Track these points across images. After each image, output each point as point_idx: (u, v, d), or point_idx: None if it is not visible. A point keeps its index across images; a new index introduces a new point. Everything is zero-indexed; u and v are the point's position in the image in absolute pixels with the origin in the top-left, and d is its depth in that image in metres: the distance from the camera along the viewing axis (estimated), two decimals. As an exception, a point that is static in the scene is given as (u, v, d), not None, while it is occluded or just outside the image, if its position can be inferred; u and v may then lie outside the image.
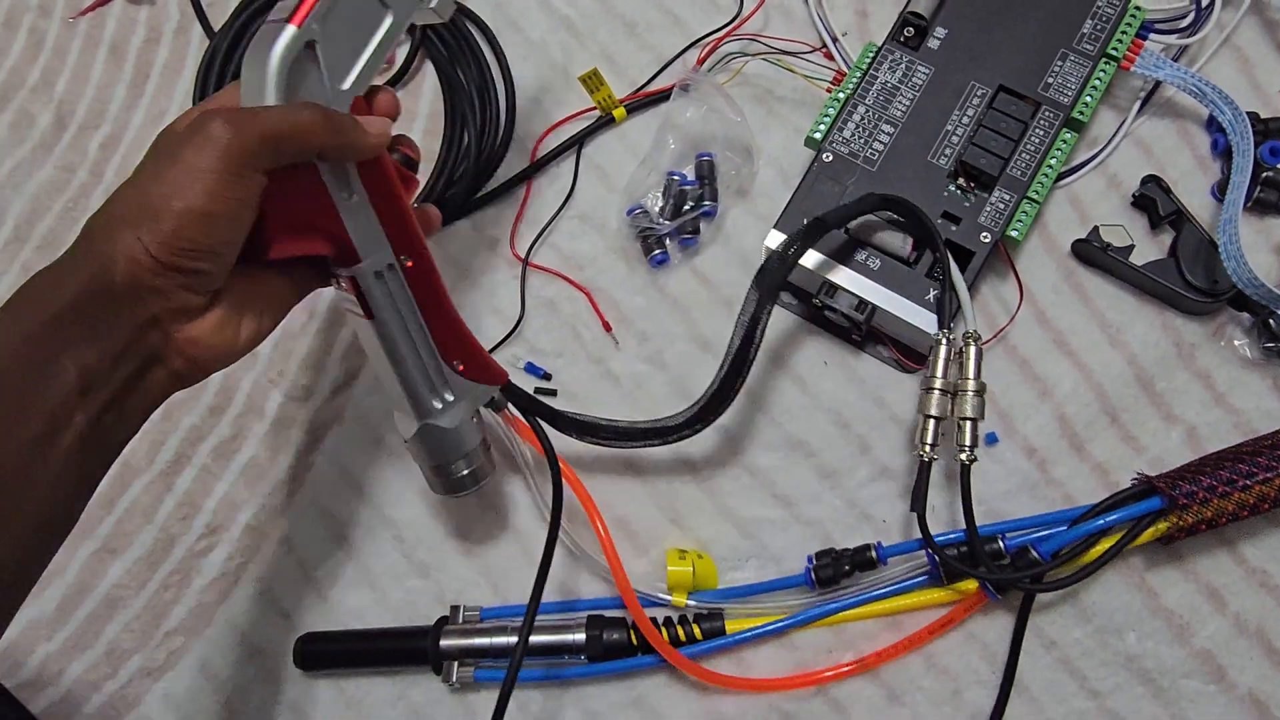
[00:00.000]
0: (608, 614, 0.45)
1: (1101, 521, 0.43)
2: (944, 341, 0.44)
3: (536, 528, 0.48)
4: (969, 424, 0.43)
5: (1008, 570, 0.43)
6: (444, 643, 0.44)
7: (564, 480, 0.43)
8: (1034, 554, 0.43)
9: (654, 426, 0.44)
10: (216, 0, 0.58)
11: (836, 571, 0.44)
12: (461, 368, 0.41)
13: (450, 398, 0.41)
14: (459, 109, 0.54)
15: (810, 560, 0.45)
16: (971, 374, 0.43)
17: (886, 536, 0.46)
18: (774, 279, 0.43)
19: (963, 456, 0.43)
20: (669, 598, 0.45)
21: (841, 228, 0.46)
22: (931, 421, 0.43)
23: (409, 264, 0.38)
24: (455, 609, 0.46)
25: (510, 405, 0.44)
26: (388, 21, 0.37)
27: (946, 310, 0.45)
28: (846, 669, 0.44)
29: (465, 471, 0.42)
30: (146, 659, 0.48)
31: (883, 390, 0.49)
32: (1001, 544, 0.44)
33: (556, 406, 0.45)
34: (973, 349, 0.44)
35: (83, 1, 0.59)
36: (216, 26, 0.57)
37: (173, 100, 0.57)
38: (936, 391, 0.44)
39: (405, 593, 0.48)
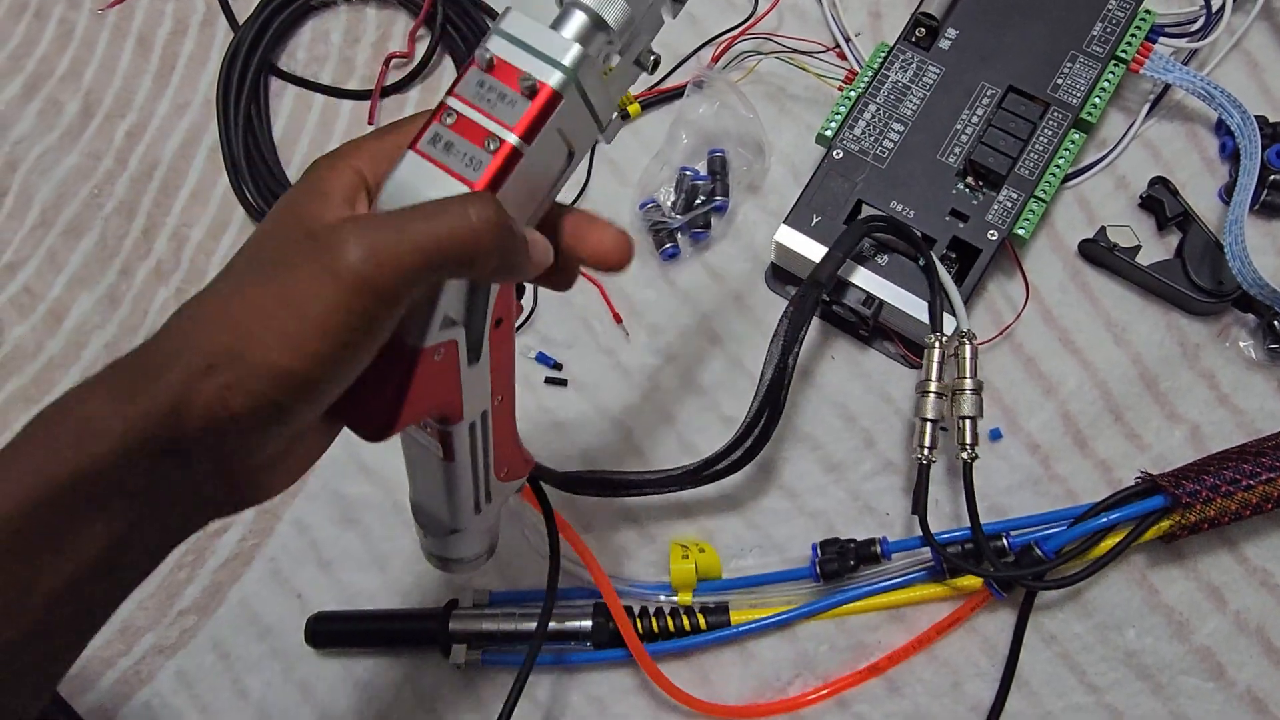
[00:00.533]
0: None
1: (1105, 519, 0.44)
2: (936, 344, 0.45)
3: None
4: (968, 422, 0.44)
5: (1012, 568, 0.44)
6: (453, 625, 0.45)
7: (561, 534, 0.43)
8: (1038, 552, 0.44)
9: (686, 471, 0.45)
10: (241, -6, 0.59)
11: (842, 566, 0.44)
12: (505, 473, 0.37)
13: (487, 507, 0.37)
14: (476, 103, 0.55)
15: (815, 550, 0.46)
16: (968, 372, 0.44)
17: (890, 530, 0.47)
18: (793, 336, 0.43)
19: (964, 455, 0.44)
20: (675, 598, 0.46)
21: (837, 268, 0.45)
22: (928, 425, 0.44)
23: (498, 401, 0.33)
24: (464, 591, 0.47)
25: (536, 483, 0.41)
26: (567, 162, 0.29)
27: (937, 313, 0.45)
28: (858, 677, 0.45)
29: (474, 557, 0.39)
30: (160, 636, 0.49)
31: (889, 385, 0.49)
32: (1006, 541, 0.44)
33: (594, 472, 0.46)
34: (967, 348, 0.44)
35: (111, -6, 0.60)
36: (241, 19, 0.58)
37: (197, 91, 0.58)
38: (932, 395, 0.44)
39: (415, 577, 0.49)
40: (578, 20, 0.27)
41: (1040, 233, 0.50)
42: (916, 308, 0.46)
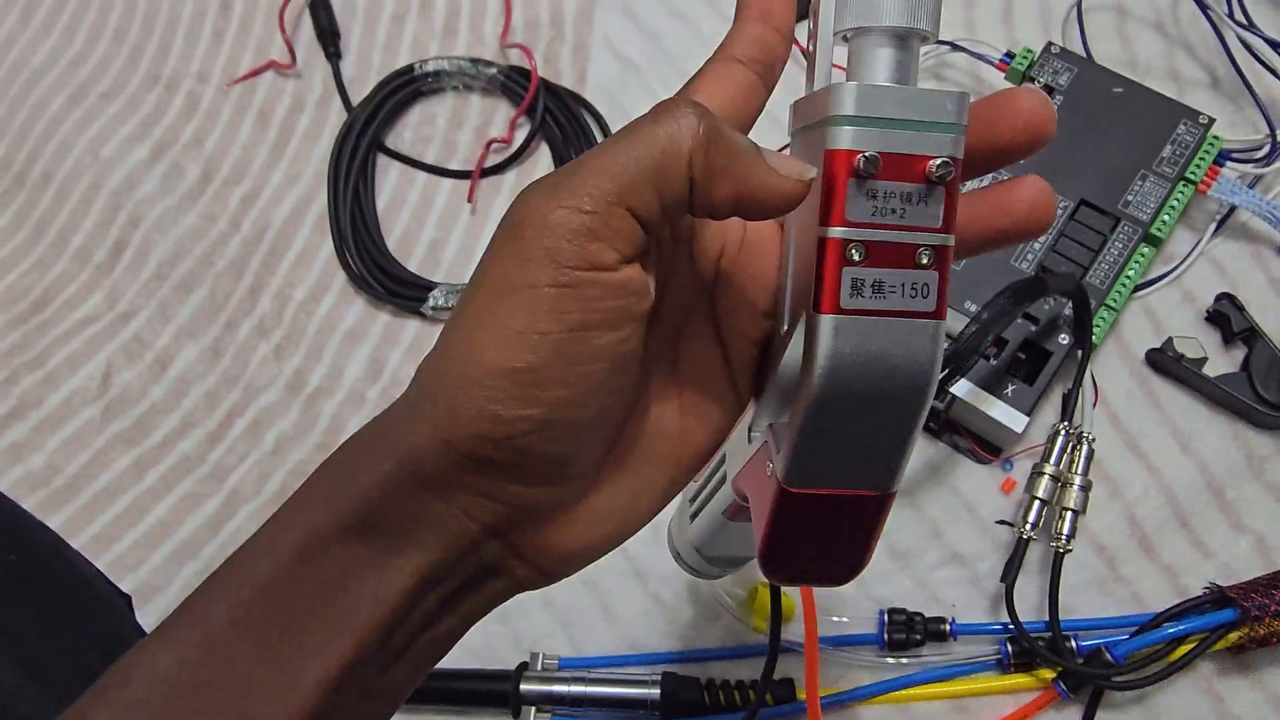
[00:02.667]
0: (680, 671, 0.47)
1: (1175, 629, 0.44)
2: (1063, 433, 0.47)
3: (614, 582, 0.50)
4: (1070, 515, 0.45)
5: (1083, 667, 0.45)
6: (524, 687, 0.46)
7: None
8: (1108, 656, 0.44)
9: None
10: (357, 78, 0.64)
11: (909, 636, 0.45)
12: None
13: None
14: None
15: (882, 616, 0.47)
16: (1081, 469, 0.46)
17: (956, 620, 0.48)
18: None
19: (1057, 544, 0.45)
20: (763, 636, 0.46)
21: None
22: (1036, 503, 0.46)
23: None
24: (535, 655, 0.48)
25: None
26: None
27: (1073, 404, 0.48)
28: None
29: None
30: (235, 679, 0.50)
31: (957, 479, 0.50)
32: (1074, 643, 0.45)
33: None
34: (1085, 446, 0.47)
35: (236, 71, 0.65)
36: (355, 101, 0.63)
37: (309, 164, 0.62)
38: (1047, 477, 0.46)
39: (485, 636, 0.50)
40: (914, 51, 0.21)
41: (1109, 340, 0.52)
42: (989, 404, 0.48)
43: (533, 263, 0.20)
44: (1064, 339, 0.49)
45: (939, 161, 0.20)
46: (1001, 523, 0.49)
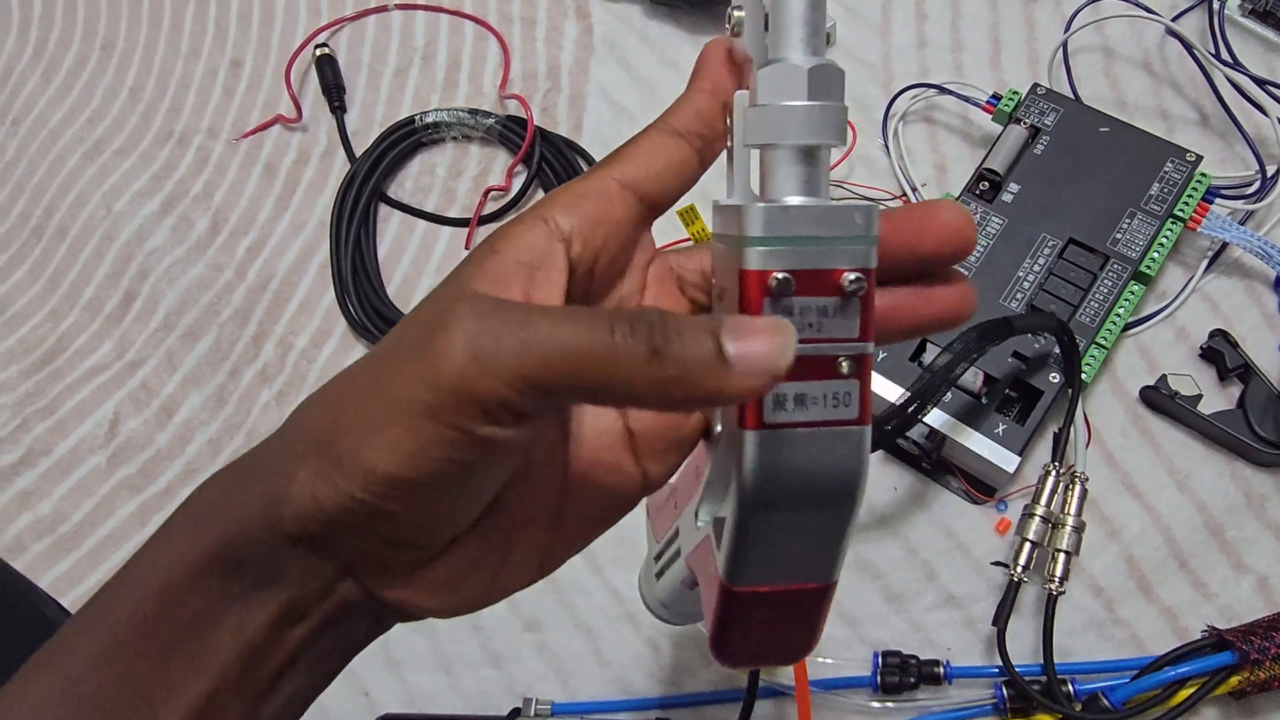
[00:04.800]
0: (673, 717, 0.47)
1: (1172, 673, 0.44)
2: (1053, 473, 0.47)
3: (607, 626, 0.50)
4: (1063, 556, 0.45)
5: (1081, 714, 0.44)
6: (514, 731, 0.46)
7: None
8: (1105, 702, 0.44)
9: None
10: (360, 130, 0.66)
11: (903, 679, 0.45)
12: None
13: None
14: (565, 234, 0.59)
15: (876, 659, 0.46)
16: (1074, 510, 0.46)
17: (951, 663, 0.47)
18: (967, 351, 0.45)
19: (1051, 587, 0.45)
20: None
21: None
22: (1028, 545, 0.46)
23: None
24: (528, 701, 0.48)
25: None
26: None
27: (1064, 443, 0.48)
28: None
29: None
30: (232, 724, 0.51)
31: (950, 520, 0.50)
32: (1071, 687, 0.44)
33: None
34: (1078, 487, 0.46)
35: (245, 125, 0.67)
36: (358, 152, 0.64)
37: (313, 214, 0.64)
38: (1038, 518, 0.46)
39: (478, 681, 0.50)
40: (823, 162, 0.21)
41: (1101, 378, 0.52)
42: (979, 444, 0.48)
43: (443, 392, 0.19)
44: (1054, 377, 0.49)
45: (852, 275, 0.20)
46: (997, 564, 0.48)
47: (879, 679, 0.46)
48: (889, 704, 0.46)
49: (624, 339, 0.18)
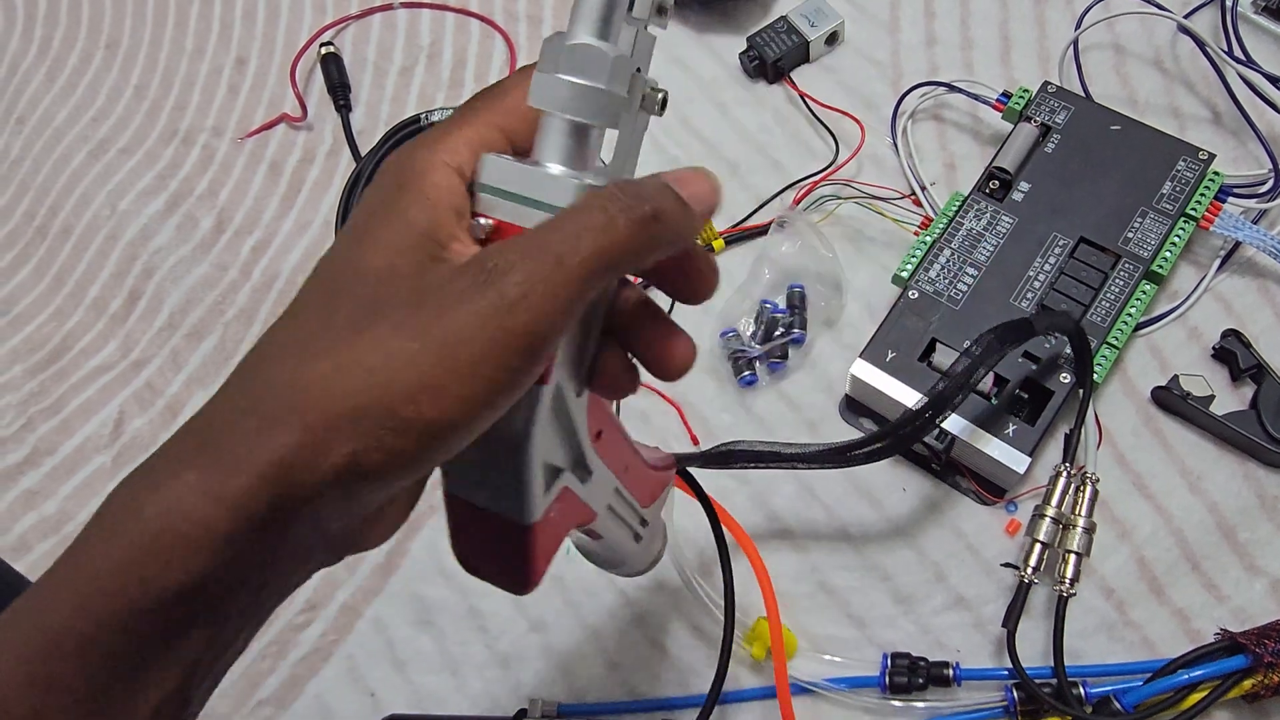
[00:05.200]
0: (680, 716, 0.46)
1: (1185, 676, 0.43)
2: (1064, 474, 0.47)
3: (614, 629, 0.50)
4: (1074, 558, 0.45)
5: (1092, 717, 0.43)
6: (521, 733, 0.46)
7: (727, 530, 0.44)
8: (1117, 704, 0.43)
9: (831, 448, 0.43)
10: (366, 129, 0.66)
11: (911, 680, 0.45)
12: (649, 495, 0.36)
13: (645, 531, 0.36)
14: (572, 233, 0.59)
15: (885, 660, 0.46)
16: (1085, 511, 0.46)
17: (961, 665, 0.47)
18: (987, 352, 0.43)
19: (1061, 588, 0.45)
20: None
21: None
22: (1038, 546, 0.45)
23: (624, 470, 0.32)
24: (534, 702, 0.48)
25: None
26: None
27: (1074, 444, 0.47)
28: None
29: (647, 566, 0.40)
30: (237, 725, 0.50)
31: (960, 520, 0.50)
32: (1083, 689, 0.44)
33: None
34: (1089, 488, 0.46)
35: (250, 124, 0.67)
36: (363, 151, 0.64)
37: (319, 212, 0.63)
38: (1048, 519, 0.46)
39: (485, 682, 0.50)
40: (583, 137, 0.23)
41: (1113, 378, 0.51)
42: (989, 444, 0.47)
43: (516, 336, 0.21)
44: (1065, 378, 0.48)
45: None
46: (1006, 565, 0.48)
47: (887, 679, 0.45)
48: (895, 702, 0.45)
49: (625, 218, 0.21)
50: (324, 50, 0.67)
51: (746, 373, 0.54)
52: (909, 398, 0.49)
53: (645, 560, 0.39)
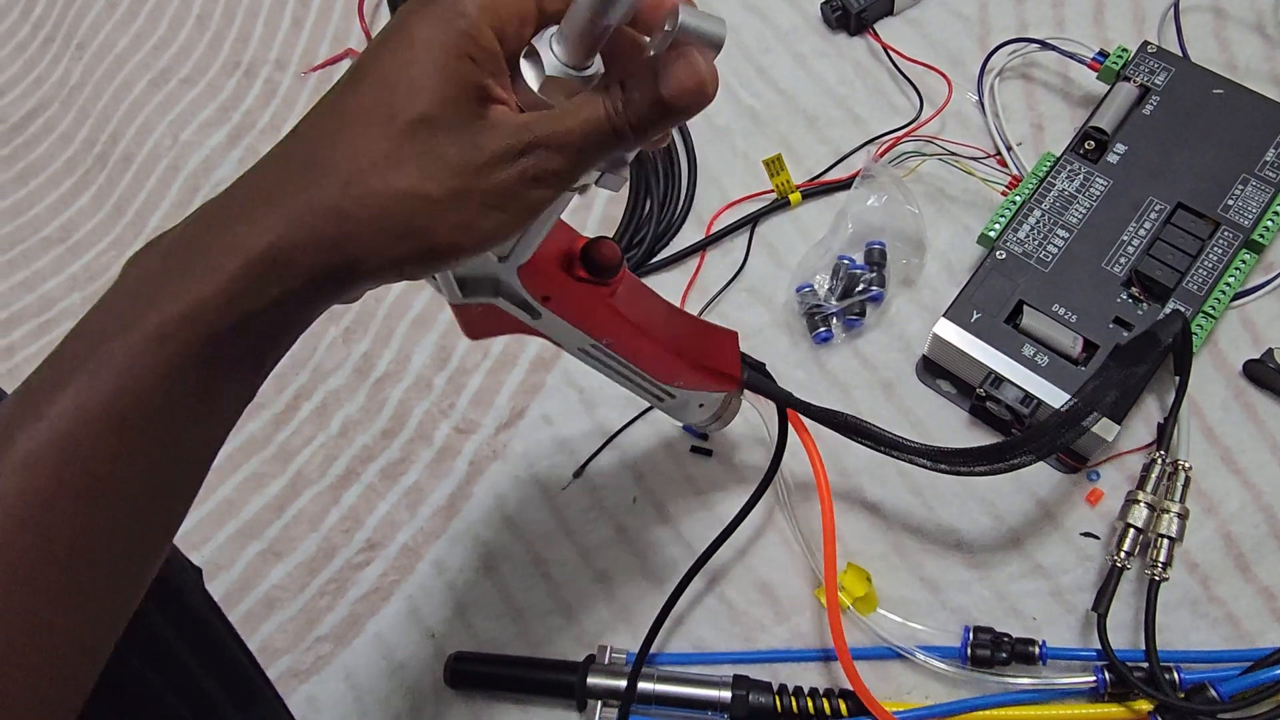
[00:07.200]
0: (745, 672, 0.46)
1: (1286, 670, 0.42)
2: (1159, 461, 0.46)
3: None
4: (1166, 542, 0.44)
5: (1186, 703, 0.42)
6: (591, 680, 0.45)
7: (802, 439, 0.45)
8: (1213, 693, 0.42)
9: (947, 451, 0.43)
10: (433, 67, 0.64)
11: (994, 656, 0.44)
12: (682, 381, 0.41)
13: (671, 400, 0.42)
14: (644, 179, 0.58)
15: (967, 632, 0.45)
16: (1179, 497, 0.45)
17: (1036, 634, 0.46)
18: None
19: (1154, 573, 0.44)
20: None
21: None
22: (1132, 530, 0.44)
23: (608, 342, 0.38)
24: (603, 649, 0.47)
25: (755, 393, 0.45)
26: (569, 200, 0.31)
27: (1169, 433, 0.46)
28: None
29: (704, 423, 0.47)
30: (295, 660, 0.50)
31: (1039, 488, 0.49)
32: (1176, 675, 0.43)
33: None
34: (1182, 475, 0.45)
35: (314, 58, 0.66)
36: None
37: (383, 150, 0.62)
38: (1143, 504, 0.45)
39: (546, 630, 0.49)
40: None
41: (1205, 351, 0.50)
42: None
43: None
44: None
45: None
46: (1087, 534, 0.47)
47: (969, 651, 0.44)
48: (977, 675, 0.45)
49: (616, 112, 0.25)
50: (392, -15, 0.66)
51: (822, 329, 0.52)
52: (993, 360, 0.48)
53: (696, 420, 0.46)
